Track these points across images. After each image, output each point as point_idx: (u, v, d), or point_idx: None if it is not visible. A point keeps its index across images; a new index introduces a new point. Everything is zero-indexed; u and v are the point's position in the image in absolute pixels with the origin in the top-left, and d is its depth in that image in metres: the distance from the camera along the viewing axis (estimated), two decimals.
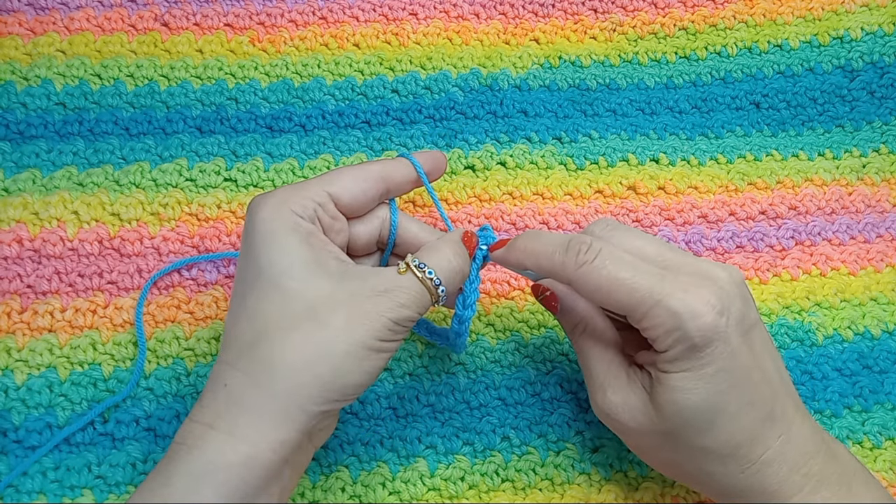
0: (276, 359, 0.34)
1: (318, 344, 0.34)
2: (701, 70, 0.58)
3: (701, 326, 0.34)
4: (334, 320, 0.35)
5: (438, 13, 0.58)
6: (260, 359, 0.34)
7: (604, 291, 0.36)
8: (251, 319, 0.35)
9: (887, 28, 0.58)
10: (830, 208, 0.53)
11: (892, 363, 0.49)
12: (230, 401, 0.34)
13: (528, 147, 0.53)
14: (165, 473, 0.33)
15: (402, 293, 0.36)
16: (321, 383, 0.34)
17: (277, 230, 0.36)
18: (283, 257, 0.36)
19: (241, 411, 0.34)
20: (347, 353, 0.34)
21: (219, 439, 0.33)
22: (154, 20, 0.56)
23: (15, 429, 0.44)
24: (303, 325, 0.35)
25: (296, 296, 0.35)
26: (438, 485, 0.44)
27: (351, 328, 0.35)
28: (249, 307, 0.36)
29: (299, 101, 0.54)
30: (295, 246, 0.36)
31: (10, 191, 0.50)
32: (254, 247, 0.36)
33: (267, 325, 0.35)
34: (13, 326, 0.46)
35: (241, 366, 0.35)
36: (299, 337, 0.34)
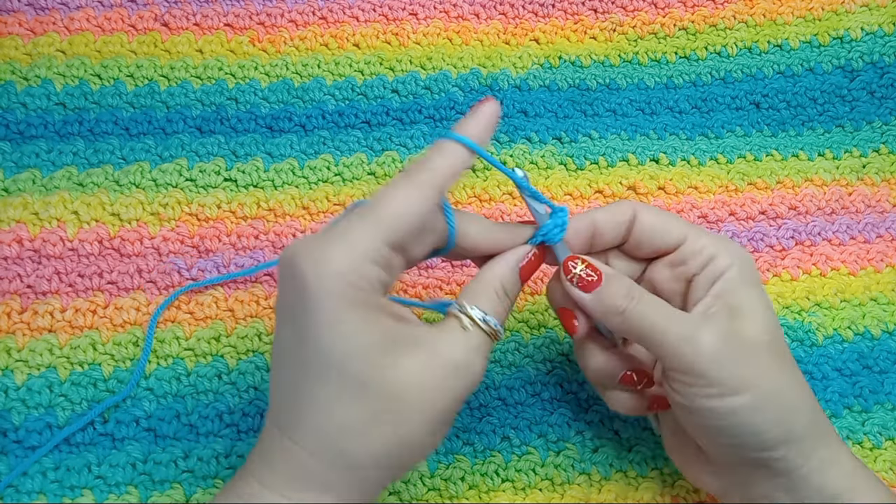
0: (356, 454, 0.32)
1: (398, 435, 0.32)
2: (701, 70, 0.58)
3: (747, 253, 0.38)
4: (414, 408, 0.32)
5: (438, 13, 0.58)
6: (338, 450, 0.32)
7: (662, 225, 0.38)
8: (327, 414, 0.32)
9: (887, 28, 0.58)
10: (830, 208, 0.53)
11: (892, 363, 0.49)
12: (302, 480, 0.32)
13: (528, 147, 0.53)
14: None
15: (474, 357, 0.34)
16: (400, 467, 0.34)
17: (345, 312, 0.31)
18: (357, 347, 0.32)
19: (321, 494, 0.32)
20: (425, 434, 0.33)
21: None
22: (154, 20, 0.56)
23: (15, 429, 0.44)
24: (383, 421, 0.32)
25: (375, 390, 0.32)
26: (438, 485, 0.44)
27: (429, 410, 0.33)
28: (323, 401, 0.32)
29: (299, 101, 0.54)
30: (365, 329, 0.32)
31: (10, 191, 0.50)
32: (317, 328, 0.31)
33: (345, 423, 0.32)
34: (13, 326, 0.46)
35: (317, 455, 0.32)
36: (380, 433, 0.32)
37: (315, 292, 0.31)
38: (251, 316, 0.48)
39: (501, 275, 0.37)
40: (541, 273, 0.50)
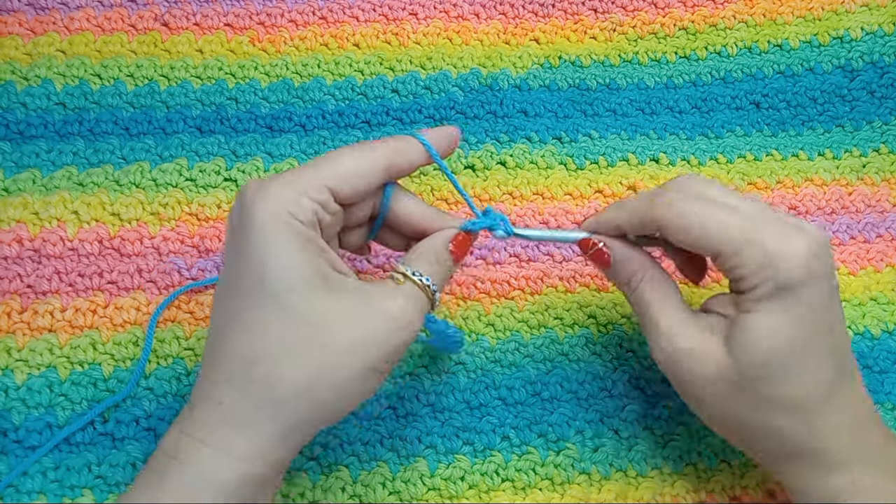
0: (278, 381, 0.33)
1: (322, 368, 0.33)
2: (701, 70, 0.58)
3: (795, 266, 0.34)
4: (339, 343, 0.33)
5: (438, 13, 0.58)
6: (260, 379, 0.33)
7: (695, 230, 0.36)
8: (250, 334, 0.34)
9: (887, 28, 0.58)
10: (830, 208, 0.53)
11: (892, 363, 0.49)
12: (226, 419, 0.33)
13: (528, 147, 0.53)
14: (157, 486, 0.33)
15: (407, 312, 0.35)
16: (323, 407, 0.34)
17: (278, 237, 0.33)
18: (285, 270, 0.33)
19: (238, 430, 0.33)
20: (351, 376, 0.34)
21: (214, 457, 0.33)
22: (154, 20, 0.56)
23: (15, 429, 0.44)
24: (307, 348, 0.33)
25: (299, 313, 0.33)
26: (438, 485, 0.44)
27: (355, 351, 0.34)
28: (247, 321, 0.34)
29: (299, 101, 0.54)
30: (297, 257, 0.33)
31: (10, 191, 0.50)
32: (250, 251, 0.34)
33: (268, 344, 0.33)
34: (13, 326, 0.46)
35: (236, 384, 0.33)
36: (302, 360, 0.33)
37: (253, 216, 0.33)
38: None
39: (433, 243, 0.38)
40: (539, 272, 0.50)
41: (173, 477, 0.33)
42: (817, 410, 0.36)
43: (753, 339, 0.35)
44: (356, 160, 0.36)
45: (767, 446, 0.38)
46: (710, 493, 0.45)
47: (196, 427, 0.34)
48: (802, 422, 0.36)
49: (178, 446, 0.34)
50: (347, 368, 0.34)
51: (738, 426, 0.38)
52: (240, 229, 0.34)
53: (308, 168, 0.36)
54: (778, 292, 0.34)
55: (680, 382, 0.39)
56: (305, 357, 0.33)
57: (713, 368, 0.36)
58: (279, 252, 0.33)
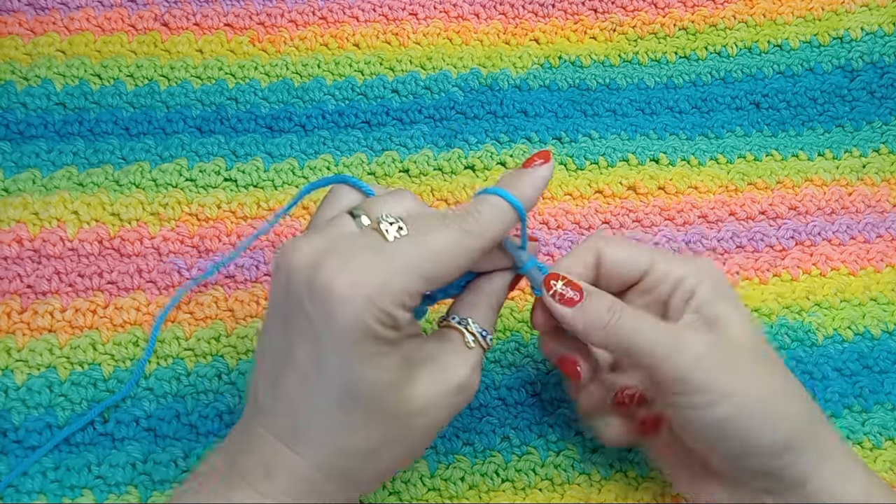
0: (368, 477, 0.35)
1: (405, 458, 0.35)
2: (701, 70, 0.58)
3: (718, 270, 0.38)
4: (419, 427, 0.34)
5: (438, 13, 0.58)
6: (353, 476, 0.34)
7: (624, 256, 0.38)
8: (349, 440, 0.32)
9: (887, 28, 0.58)
10: (830, 208, 0.53)
11: (892, 363, 0.49)
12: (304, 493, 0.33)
13: (528, 147, 0.53)
14: None
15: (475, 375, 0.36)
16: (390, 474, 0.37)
17: (368, 346, 0.30)
18: (378, 378, 0.31)
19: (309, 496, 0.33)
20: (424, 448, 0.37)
21: None
22: (154, 20, 0.56)
23: (15, 429, 0.44)
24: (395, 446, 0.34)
25: (388, 417, 0.32)
26: (438, 485, 0.44)
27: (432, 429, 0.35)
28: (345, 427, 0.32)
29: (299, 101, 0.54)
30: (388, 363, 0.31)
31: (10, 191, 0.50)
32: (338, 356, 0.30)
33: (362, 450, 0.33)
34: (13, 326, 0.46)
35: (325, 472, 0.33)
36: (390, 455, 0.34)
37: (343, 326, 0.30)
38: (251, 316, 0.47)
39: (498, 290, 0.38)
40: None
41: None
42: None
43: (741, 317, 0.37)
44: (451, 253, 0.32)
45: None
46: None
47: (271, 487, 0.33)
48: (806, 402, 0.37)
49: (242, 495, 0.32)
50: (422, 445, 0.35)
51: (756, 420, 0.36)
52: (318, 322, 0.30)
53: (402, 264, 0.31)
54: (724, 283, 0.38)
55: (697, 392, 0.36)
56: (391, 452, 0.34)
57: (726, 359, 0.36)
58: (370, 362, 0.31)
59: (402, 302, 0.31)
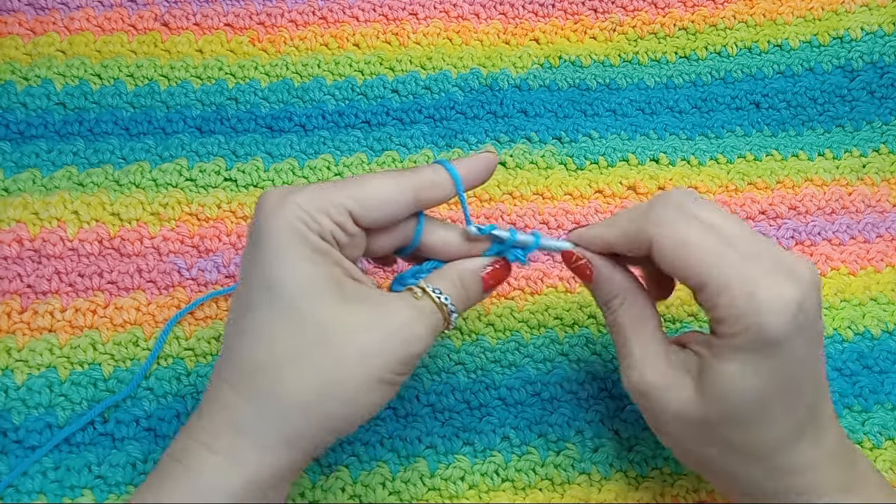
0: (283, 391, 0.33)
1: (329, 378, 0.33)
2: (701, 70, 0.58)
3: (778, 321, 0.32)
4: (349, 353, 0.33)
5: (438, 13, 0.58)
6: (266, 387, 0.33)
7: (681, 259, 0.34)
8: (258, 339, 0.33)
9: (887, 28, 0.58)
10: (830, 208, 0.53)
11: (892, 363, 0.49)
12: (231, 425, 0.33)
13: (528, 147, 0.53)
14: (161, 490, 0.33)
15: (419, 324, 0.35)
16: (330, 418, 0.33)
17: (291, 246, 0.33)
18: (297, 277, 0.33)
19: (243, 437, 0.33)
20: (358, 387, 0.33)
21: (218, 463, 0.33)
22: (154, 20, 0.56)
23: (15, 429, 0.44)
24: (315, 355, 0.33)
25: (309, 321, 0.33)
26: (438, 485, 0.44)
27: (365, 362, 0.33)
28: (257, 326, 0.33)
29: (299, 101, 0.54)
30: (309, 266, 0.33)
31: (10, 191, 0.50)
32: (264, 258, 0.33)
33: (276, 351, 0.33)
34: (13, 326, 0.46)
35: (243, 390, 0.33)
36: (310, 368, 0.33)
37: (269, 225, 0.33)
38: None
39: (462, 269, 0.38)
40: (539, 272, 0.50)
41: (178, 482, 0.33)
42: (776, 455, 0.35)
43: (724, 388, 0.34)
44: (383, 186, 0.35)
45: (731, 486, 0.37)
46: (710, 493, 0.45)
47: (202, 432, 0.34)
48: (761, 467, 0.35)
49: (184, 450, 0.33)
50: (355, 380, 0.33)
51: (698, 464, 0.38)
52: (256, 237, 0.34)
53: (332, 185, 0.35)
54: (756, 345, 0.33)
55: (647, 412, 0.38)
56: (311, 367, 0.33)
57: (682, 405, 0.35)
58: (292, 260, 0.33)
59: (328, 211, 0.34)
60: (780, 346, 0.32)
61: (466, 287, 0.37)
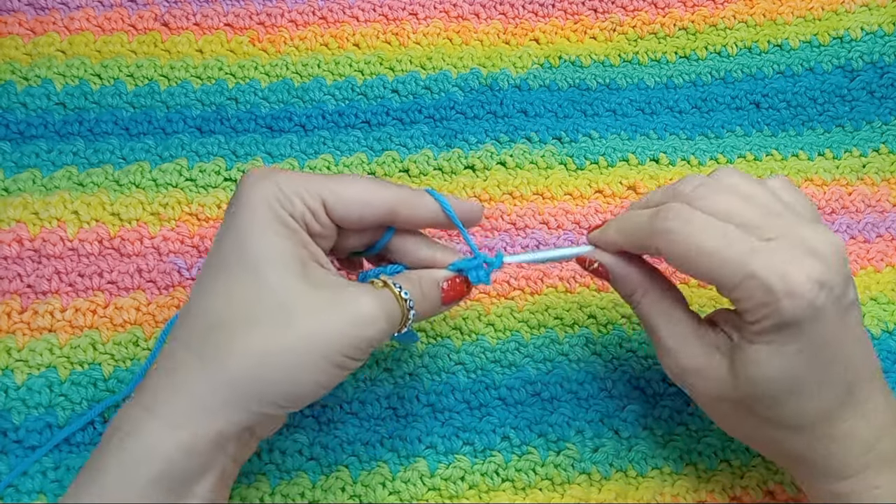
0: (231, 349, 0.33)
1: (277, 346, 0.33)
2: (701, 70, 0.58)
3: (797, 304, 0.32)
4: (301, 326, 0.33)
5: (438, 13, 0.58)
6: (214, 344, 0.33)
7: (692, 262, 0.34)
8: (217, 300, 0.34)
9: (887, 28, 0.58)
10: (830, 208, 0.53)
11: (892, 363, 0.49)
12: (173, 384, 0.33)
13: (528, 147, 0.53)
14: (100, 461, 0.32)
15: (375, 309, 0.34)
16: (270, 386, 0.33)
17: (264, 218, 0.34)
18: (266, 246, 0.34)
19: (183, 397, 0.33)
20: (305, 362, 0.33)
21: (156, 426, 0.32)
22: (154, 20, 0.56)
23: (15, 429, 0.44)
24: (268, 323, 0.33)
25: (269, 289, 0.33)
26: (438, 485, 0.44)
27: (316, 338, 0.33)
28: (219, 287, 0.34)
29: (299, 101, 0.54)
30: (279, 239, 0.34)
31: (10, 191, 0.50)
32: (238, 224, 0.34)
33: (232, 312, 0.33)
34: (13, 326, 0.46)
35: (193, 346, 0.33)
36: (261, 333, 0.33)
37: (248, 196, 0.34)
38: None
39: (423, 275, 0.38)
40: (539, 272, 0.50)
41: (116, 448, 0.32)
42: (820, 429, 0.35)
43: (754, 369, 0.35)
44: (362, 188, 0.36)
45: (774, 455, 0.39)
46: (710, 493, 0.45)
47: (144, 395, 0.33)
48: (805, 439, 0.36)
49: (124, 416, 0.33)
50: (301, 354, 0.33)
51: (745, 437, 0.40)
52: (233, 206, 0.35)
53: (314, 175, 0.36)
54: (778, 328, 0.33)
55: (691, 394, 0.40)
56: (264, 333, 0.33)
57: (717, 387, 0.37)
58: (263, 230, 0.34)
59: (302, 195, 0.35)
60: (802, 326, 0.33)
61: (425, 293, 0.38)
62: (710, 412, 0.40)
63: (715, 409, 0.39)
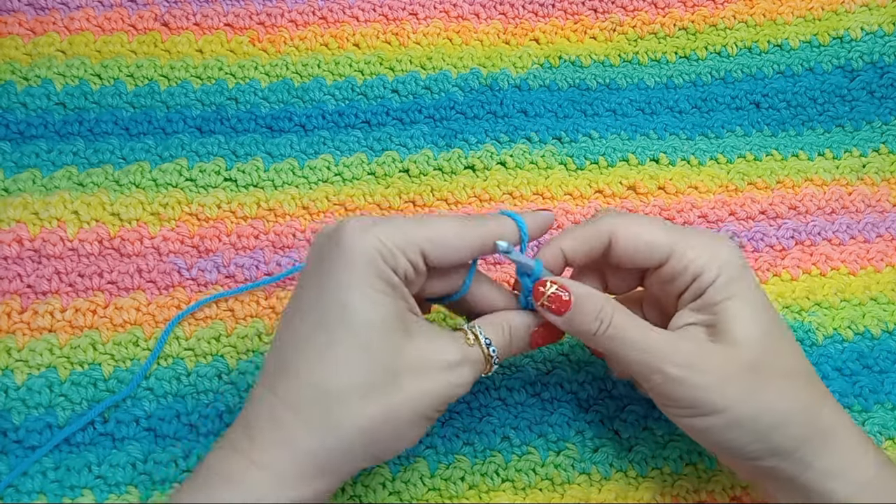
0: (344, 418, 0.33)
1: (390, 412, 0.34)
2: (701, 70, 0.58)
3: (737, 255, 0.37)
4: (409, 390, 0.34)
5: (438, 13, 0.58)
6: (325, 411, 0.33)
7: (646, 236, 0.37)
8: (323, 366, 0.34)
9: (887, 28, 0.58)
10: (830, 208, 0.53)
11: (892, 363, 0.49)
12: (282, 442, 0.33)
13: (528, 147, 0.53)
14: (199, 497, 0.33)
15: (468, 370, 0.36)
16: (378, 449, 0.35)
17: (370, 276, 0.34)
18: (369, 307, 0.34)
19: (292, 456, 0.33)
20: (410, 422, 0.35)
21: (265, 480, 0.33)
22: (154, 20, 0.56)
23: (15, 429, 0.44)
24: (378, 390, 0.34)
25: (380, 356, 0.34)
26: (438, 485, 0.44)
27: (418, 398, 0.34)
28: (323, 352, 0.34)
29: (299, 101, 0.54)
30: (382, 298, 0.34)
31: (10, 191, 0.50)
32: (337, 283, 0.34)
33: (340, 379, 0.33)
34: (13, 326, 0.46)
35: (301, 410, 0.33)
36: (375, 402, 0.33)
37: (350, 251, 0.34)
38: (251, 316, 0.48)
39: (511, 318, 0.39)
40: None
41: (217, 491, 0.33)
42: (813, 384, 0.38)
43: (746, 318, 0.36)
44: (456, 231, 0.36)
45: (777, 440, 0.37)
46: (710, 493, 0.45)
47: (250, 445, 0.33)
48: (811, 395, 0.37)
49: (230, 464, 0.33)
50: (408, 415, 0.34)
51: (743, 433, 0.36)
52: (329, 259, 0.34)
53: (411, 223, 0.36)
54: (740, 273, 0.36)
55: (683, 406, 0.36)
56: (376, 401, 0.34)
57: (717, 373, 0.35)
58: (366, 290, 0.34)
59: (405, 248, 0.34)
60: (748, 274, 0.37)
61: (514, 338, 0.38)
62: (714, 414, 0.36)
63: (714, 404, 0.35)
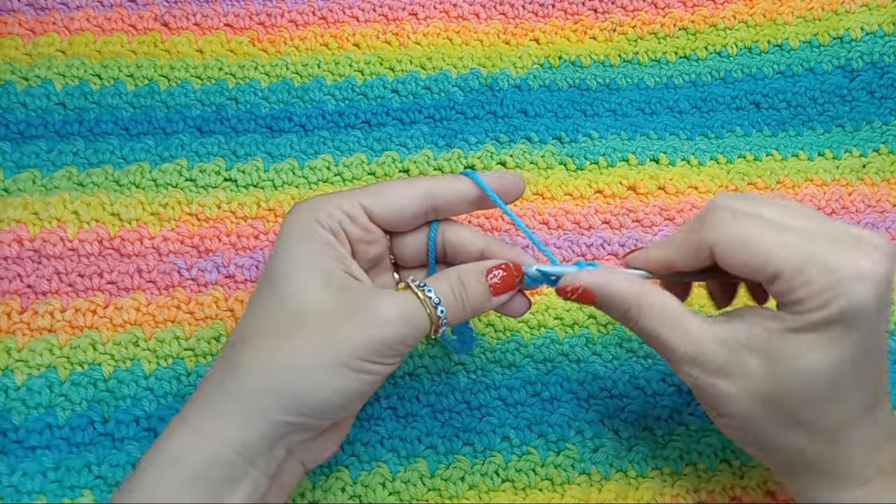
0: (243, 363, 0.34)
1: (286, 354, 0.34)
2: (701, 70, 0.58)
3: (864, 291, 0.31)
4: (310, 332, 0.34)
5: (438, 13, 0.58)
6: (232, 360, 0.35)
7: (747, 251, 0.33)
8: (244, 319, 0.36)
9: (887, 28, 0.58)
10: (830, 208, 0.53)
11: (892, 363, 0.49)
12: (203, 397, 0.35)
13: (528, 147, 0.53)
14: (142, 461, 0.34)
15: (401, 326, 0.34)
16: (284, 394, 0.33)
17: (294, 235, 0.36)
18: (290, 263, 0.35)
19: (209, 408, 0.34)
20: (317, 368, 0.33)
21: (185, 433, 0.34)
22: (154, 20, 0.56)
23: (15, 429, 0.44)
24: (278, 333, 0.34)
25: (286, 302, 0.34)
26: (438, 485, 0.44)
27: (328, 343, 0.33)
28: (248, 306, 0.36)
29: (299, 101, 0.54)
30: (305, 253, 0.35)
31: (10, 191, 0.50)
32: (273, 252, 0.36)
33: (253, 326, 0.35)
34: (13, 326, 0.46)
35: (221, 361, 0.36)
36: (269, 344, 0.34)
37: (287, 221, 0.36)
38: None
39: (462, 269, 0.37)
40: None
41: (151, 453, 0.34)
42: (845, 433, 0.34)
43: (801, 362, 0.33)
44: (394, 185, 0.38)
45: (785, 461, 0.36)
46: (710, 493, 0.45)
47: (185, 406, 0.35)
48: (826, 443, 0.35)
49: (169, 426, 0.35)
50: (311, 359, 0.33)
51: (761, 441, 0.36)
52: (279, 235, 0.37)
53: (352, 189, 0.38)
54: (839, 317, 0.32)
55: (708, 399, 0.36)
56: (279, 343, 0.34)
57: (745, 386, 0.34)
58: (292, 248, 0.35)
59: (341, 205, 0.36)
60: (862, 317, 0.32)
61: (467, 289, 0.37)
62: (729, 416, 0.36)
63: (738, 411, 0.35)
